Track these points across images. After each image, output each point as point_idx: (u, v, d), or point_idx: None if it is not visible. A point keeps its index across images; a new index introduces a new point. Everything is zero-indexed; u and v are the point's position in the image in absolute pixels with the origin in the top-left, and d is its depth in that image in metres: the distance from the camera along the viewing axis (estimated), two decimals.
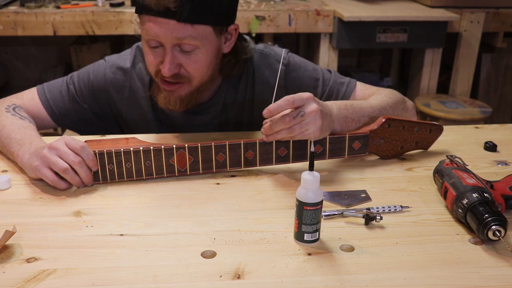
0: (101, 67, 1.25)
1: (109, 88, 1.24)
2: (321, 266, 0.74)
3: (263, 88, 1.23)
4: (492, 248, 0.79)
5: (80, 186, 0.95)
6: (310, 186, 0.75)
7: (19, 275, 0.71)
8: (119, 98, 1.24)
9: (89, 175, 0.94)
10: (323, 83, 1.24)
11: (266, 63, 1.23)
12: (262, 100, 1.20)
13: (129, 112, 1.25)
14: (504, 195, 0.87)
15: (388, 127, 1.05)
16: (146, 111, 1.24)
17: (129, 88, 1.24)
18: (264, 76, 1.23)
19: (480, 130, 1.28)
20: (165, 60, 1.05)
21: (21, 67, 3.18)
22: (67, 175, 0.92)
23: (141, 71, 1.23)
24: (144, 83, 1.23)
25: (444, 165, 0.94)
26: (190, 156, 0.98)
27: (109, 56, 1.27)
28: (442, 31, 2.52)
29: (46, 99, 1.22)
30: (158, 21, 1.03)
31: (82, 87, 1.24)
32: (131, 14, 2.35)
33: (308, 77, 1.24)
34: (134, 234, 0.82)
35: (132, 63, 1.24)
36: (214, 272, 0.72)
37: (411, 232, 0.83)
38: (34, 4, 2.37)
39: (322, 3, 2.63)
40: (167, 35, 1.03)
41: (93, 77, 1.24)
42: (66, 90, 1.24)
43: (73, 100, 1.23)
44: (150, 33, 1.04)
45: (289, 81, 1.23)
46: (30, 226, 0.83)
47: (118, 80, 1.23)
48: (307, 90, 1.17)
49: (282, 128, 0.93)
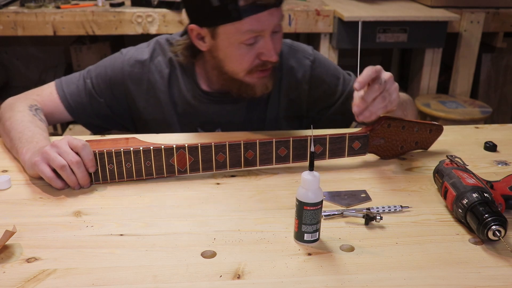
0: (118, 60, 1.25)
1: (127, 81, 1.24)
2: (321, 266, 0.74)
3: (290, 78, 1.27)
4: (492, 248, 0.79)
5: (75, 187, 0.94)
6: (310, 186, 0.75)
7: (19, 275, 0.71)
8: (137, 91, 1.25)
9: (86, 176, 0.94)
10: (343, 82, 1.29)
11: (295, 57, 1.28)
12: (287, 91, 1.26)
13: (147, 106, 1.26)
14: (504, 195, 0.87)
15: (388, 127, 1.05)
16: (164, 104, 1.25)
17: (147, 81, 1.24)
18: (292, 69, 1.27)
19: (480, 130, 1.28)
20: (269, 47, 1.10)
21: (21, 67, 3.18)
22: (64, 173, 0.92)
23: (160, 64, 1.24)
24: (163, 76, 1.24)
25: (444, 165, 0.94)
26: (190, 156, 0.98)
27: (126, 49, 1.28)
28: (442, 31, 2.52)
29: (63, 93, 1.24)
30: (264, 14, 1.07)
31: (99, 81, 1.25)
32: (131, 14, 2.35)
33: (331, 75, 1.29)
34: (134, 234, 0.82)
35: (151, 56, 1.25)
36: (214, 272, 0.72)
37: (411, 232, 0.83)
38: (34, 4, 2.37)
39: (322, 3, 2.63)
40: (271, 23, 1.08)
41: (110, 71, 1.24)
42: (83, 85, 1.25)
43: (90, 94, 1.24)
44: (255, 29, 1.07)
45: (314, 77, 1.27)
46: (30, 226, 0.83)
47: (136, 73, 1.24)
48: (329, 87, 1.27)
49: (375, 95, 0.95)
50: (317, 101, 1.30)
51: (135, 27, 2.37)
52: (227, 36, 1.10)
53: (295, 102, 1.29)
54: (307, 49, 1.29)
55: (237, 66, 1.14)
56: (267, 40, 1.09)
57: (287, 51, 1.27)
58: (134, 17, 2.35)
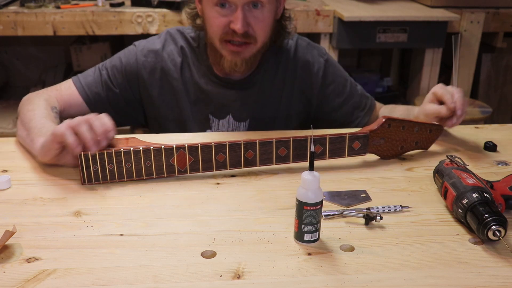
0: (132, 51, 1.30)
1: (141, 70, 1.29)
2: (321, 266, 0.74)
3: (305, 71, 1.32)
4: (492, 248, 0.79)
5: (92, 147, 0.92)
6: (310, 186, 0.75)
7: (19, 275, 0.71)
8: (151, 80, 1.29)
9: (104, 126, 0.93)
10: (350, 84, 1.38)
11: (311, 53, 1.34)
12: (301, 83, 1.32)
13: (161, 93, 1.30)
14: (504, 195, 0.87)
15: (388, 127, 1.05)
16: (177, 91, 1.29)
17: (161, 69, 1.29)
18: (308, 62, 1.33)
19: (480, 130, 1.28)
20: (237, 17, 1.13)
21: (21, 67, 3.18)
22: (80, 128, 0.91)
23: (172, 53, 1.29)
24: (175, 64, 1.29)
25: (444, 165, 0.94)
26: (190, 156, 0.98)
27: (138, 42, 1.33)
28: (442, 31, 2.52)
29: (81, 85, 1.27)
30: None
31: (115, 71, 1.29)
32: (131, 14, 2.35)
33: (340, 76, 1.37)
34: (134, 234, 0.82)
35: (163, 46, 1.30)
36: (214, 272, 0.72)
37: (411, 232, 0.83)
38: (34, 4, 2.37)
39: (322, 3, 2.62)
40: None
41: (125, 61, 1.29)
42: (99, 76, 1.29)
43: (106, 85, 1.28)
44: None
45: (326, 74, 1.34)
46: (30, 226, 0.83)
47: (149, 62, 1.29)
48: (338, 86, 1.34)
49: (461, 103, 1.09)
50: (327, 99, 1.35)
51: (135, 27, 2.37)
52: None
53: (307, 96, 1.34)
54: (322, 49, 1.37)
55: (211, 30, 1.19)
56: (238, 10, 1.13)
57: (305, 46, 1.34)
58: (134, 17, 2.35)
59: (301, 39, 1.36)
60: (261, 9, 1.16)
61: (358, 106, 1.37)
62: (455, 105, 1.08)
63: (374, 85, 3.10)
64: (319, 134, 1.01)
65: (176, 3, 2.35)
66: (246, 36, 1.16)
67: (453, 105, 1.08)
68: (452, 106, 1.08)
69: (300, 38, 1.36)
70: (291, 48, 1.32)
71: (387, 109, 1.39)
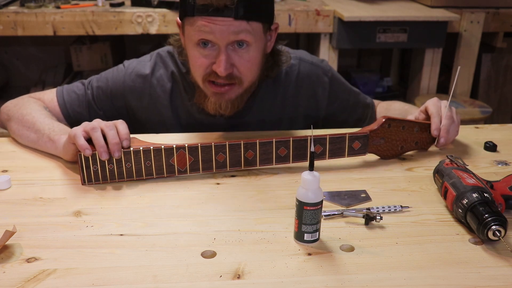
0: (121, 74, 1.25)
1: (128, 95, 1.24)
2: (321, 266, 0.74)
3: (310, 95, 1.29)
4: (492, 248, 0.79)
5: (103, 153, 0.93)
6: (310, 186, 0.75)
7: (19, 275, 0.71)
8: (138, 106, 1.25)
9: (117, 141, 0.94)
10: (354, 97, 1.35)
11: (316, 74, 1.29)
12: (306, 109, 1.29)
13: (149, 118, 1.26)
14: (504, 195, 0.87)
15: (388, 127, 1.05)
16: (167, 118, 1.25)
17: (149, 96, 1.24)
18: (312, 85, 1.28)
19: (480, 130, 1.28)
20: (220, 59, 1.05)
21: (21, 67, 3.18)
22: (94, 133, 0.93)
23: (162, 78, 1.24)
24: (165, 90, 1.23)
25: (444, 165, 0.94)
26: (190, 156, 0.98)
27: (128, 62, 1.27)
28: (442, 31, 2.52)
29: (63, 102, 1.24)
30: (215, 20, 1.03)
31: (100, 92, 1.24)
32: (131, 14, 2.35)
33: (343, 90, 1.34)
34: (134, 234, 0.82)
35: (152, 70, 1.24)
36: (214, 272, 0.72)
37: (411, 232, 0.83)
38: (34, 4, 2.37)
39: (322, 3, 2.63)
40: (224, 32, 1.03)
41: (111, 83, 1.24)
42: (83, 95, 1.25)
43: (89, 106, 1.24)
44: (205, 30, 1.03)
45: (332, 93, 1.31)
46: (30, 226, 0.83)
47: (137, 87, 1.24)
48: (343, 102, 1.34)
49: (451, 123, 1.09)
50: (332, 116, 1.33)
51: (135, 27, 2.37)
52: (187, 33, 1.09)
53: (312, 118, 1.32)
54: (325, 65, 1.31)
55: (193, 69, 1.12)
56: (220, 51, 1.05)
57: (308, 69, 1.28)
58: (134, 17, 2.35)
59: (304, 61, 1.28)
60: (247, 49, 1.07)
61: (360, 119, 1.36)
62: (437, 133, 1.08)
63: (374, 85, 3.10)
64: (319, 134, 1.01)
65: (176, 3, 2.35)
66: (230, 78, 1.08)
67: (436, 132, 1.08)
68: (435, 134, 1.08)
69: (302, 59, 1.28)
70: (293, 73, 1.26)
71: (382, 108, 1.38)
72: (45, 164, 1.05)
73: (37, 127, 1.08)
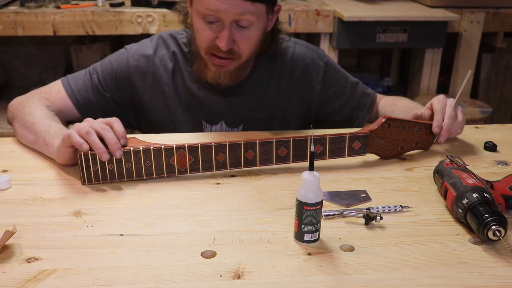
0: (123, 55, 1.28)
1: (132, 75, 1.27)
2: (321, 266, 0.74)
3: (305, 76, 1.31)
4: (492, 248, 0.79)
5: (102, 154, 0.93)
6: (310, 186, 0.75)
7: (19, 275, 0.71)
8: (142, 85, 1.27)
9: (115, 141, 0.94)
10: (351, 85, 1.36)
11: (311, 57, 1.32)
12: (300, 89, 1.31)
13: (152, 99, 1.28)
14: (504, 195, 0.87)
15: (388, 127, 1.05)
16: (169, 96, 1.28)
17: (152, 75, 1.27)
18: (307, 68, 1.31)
19: (480, 130, 1.28)
20: (223, 35, 1.11)
21: (21, 67, 3.18)
22: (89, 137, 0.93)
23: (164, 58, 1.27)
24: (167, 69, 1.27)
25: (444, 165, 0.94)
26: (190, 156, 0.98)
27: (129, 45, 1.31)
28: (442, 31, 2.52)
29: (71, 90, 1.25)
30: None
31: (105, 75, 1.27)
32: (131, 14, 2.35)
33: (340, 77, 1.35)
34: (134, 234, 0.82)
35: (155, 50, 1.28)
36: (214, 272, 0.72)
37: (411, 232, 0.83)
38: (34, 4, 2.37)
39: (322, 3, 2.62)
40: (229, 10, 1.08)
41: (116, 65, 1.27)
42: (89, 80, 1.27)
43: (96, 89, 1.26)
44: (211, 7, 1.09)
45: (327, 78, 1.32)
46: (30, 226, 0.83)
47: (141, 67, 1.27)
48: (339, 89, 1.33)
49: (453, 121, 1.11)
50: (327, 102, 1.34)
51: (135, 27, 2.37)
52: (195, 5, 1.14)
53: (306, 101, 1.33)
54: (320, 51, 1.35)
55: (198, 40, 1.18)
56: (224, 27, 1.11)
57: (304, 51, 1.32)
58: (134, 17, 2.35)
59: (298, 44, 1.33)
60: (249, 28, 1.13)
61: (358, 107, 1.36)
62: (438, 130, 1.09)
63: (374, 85, 3.10)
64: (319, 134, 1.01)
65: (176, 3, 2.35)
66: (230, 53, 1.14)
67: (437, 130, 1.09)
68: (435, 131, 1.09)
69: (297, 42, 1.33)
70: (287, 54, 1.30)
71: (388, 102, 1.37)
72: (45, 164, 1.05)
73: (35, 129, 1.08)
